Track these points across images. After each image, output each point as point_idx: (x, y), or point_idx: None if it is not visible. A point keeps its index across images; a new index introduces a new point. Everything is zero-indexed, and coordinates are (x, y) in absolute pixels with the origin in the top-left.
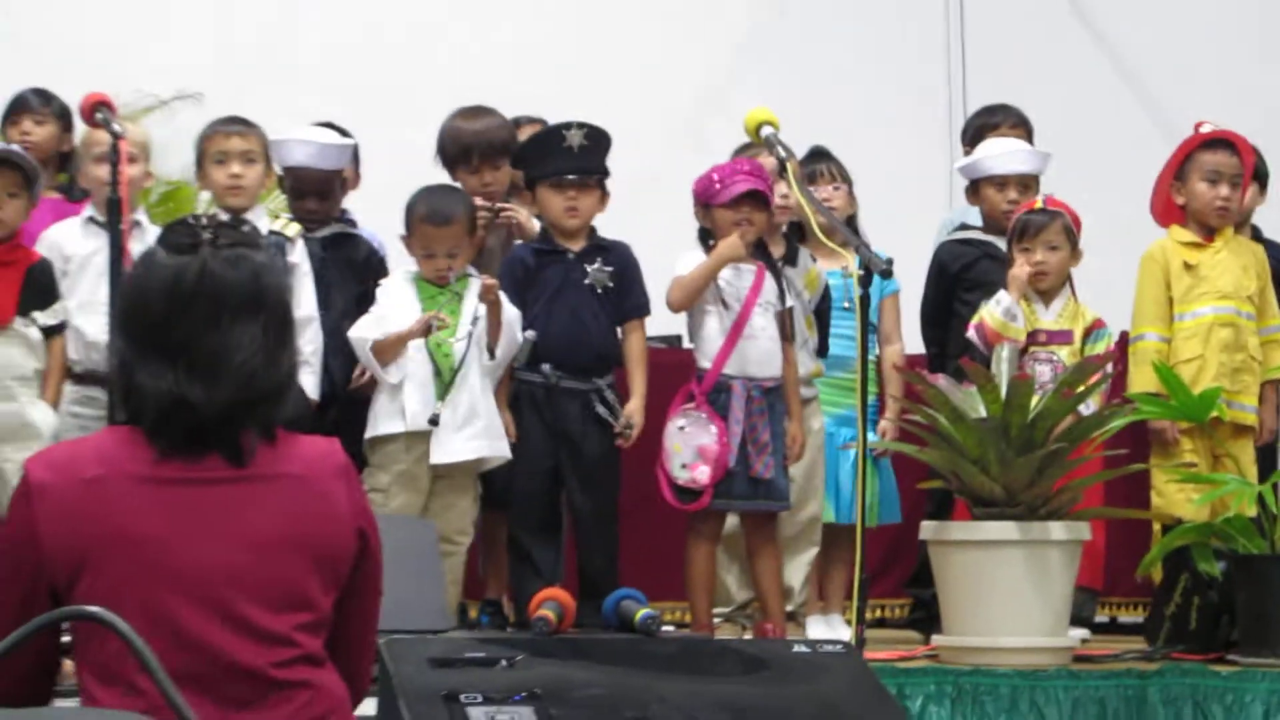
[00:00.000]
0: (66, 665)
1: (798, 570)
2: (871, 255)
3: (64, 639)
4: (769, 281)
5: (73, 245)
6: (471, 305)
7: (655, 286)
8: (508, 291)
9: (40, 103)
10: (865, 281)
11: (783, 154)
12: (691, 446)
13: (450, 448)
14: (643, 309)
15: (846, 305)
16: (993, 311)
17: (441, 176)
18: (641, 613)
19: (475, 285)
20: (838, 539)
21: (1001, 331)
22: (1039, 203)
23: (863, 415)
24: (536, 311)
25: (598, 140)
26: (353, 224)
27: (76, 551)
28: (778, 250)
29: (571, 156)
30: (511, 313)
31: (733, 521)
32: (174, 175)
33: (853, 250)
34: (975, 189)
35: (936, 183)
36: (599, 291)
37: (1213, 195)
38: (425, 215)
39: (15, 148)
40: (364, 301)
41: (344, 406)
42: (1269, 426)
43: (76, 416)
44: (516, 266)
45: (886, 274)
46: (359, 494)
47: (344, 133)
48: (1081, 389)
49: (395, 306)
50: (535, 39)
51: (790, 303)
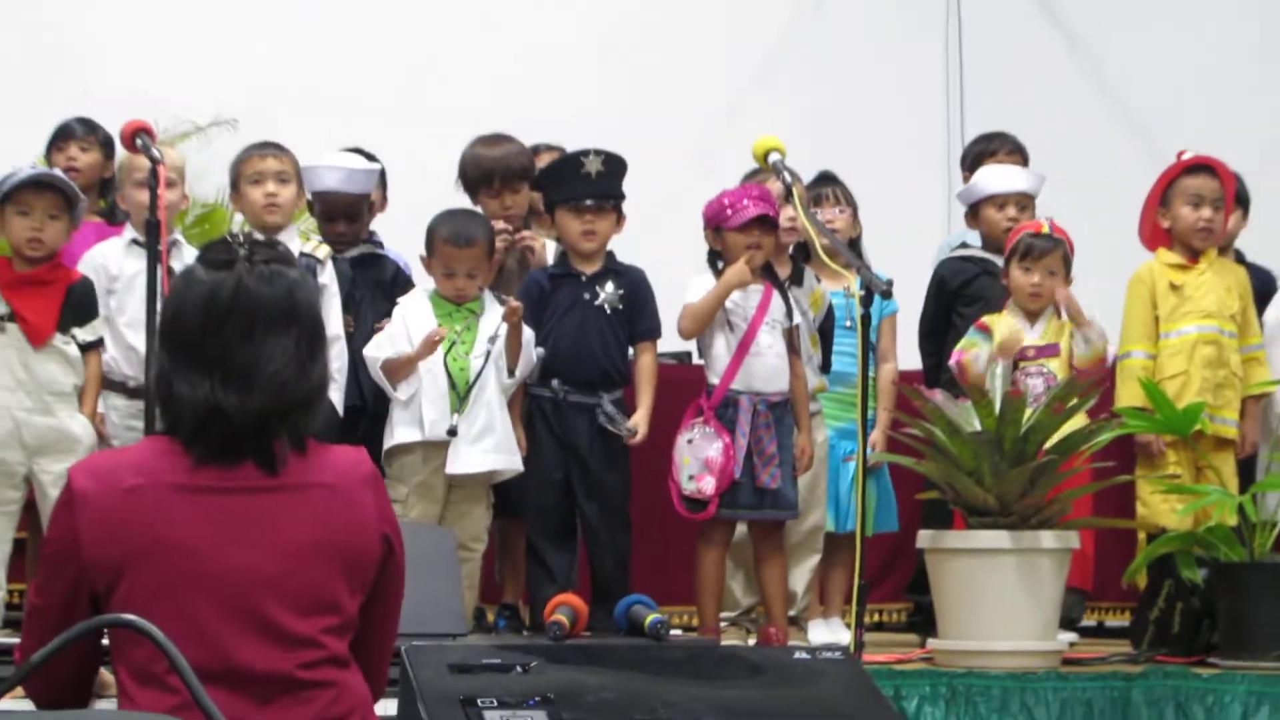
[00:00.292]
0: (105, 675)
1: (800, 576)
2: (873, 276)
3: (104, 641)
4: (776, 300)
5: (118, 265)
6: (488, 323)
7: (668, 306)
8: (525, 311)
9: (85, 131)
10: (866, 301)
11: (789, 179)
12: (699, 459)
13: (466, 459)
14: (654, 331)
15: (849, 324)
16: (972, 359)
17: (463, 200)
18: (651, 617)
19: (491, 303)
20: (838, 546)
21: (968, 369)
22: (1044, 226)
23: (863, 429)
24: (547, 330)
25: (614, 166)
26: (380, 245)
27: (116, 558)
28: (784, 270)
29: (589, 182)
30: (528, 333)
31: (739, 530)
32: (209, 198)
33: (854, 271)
34: (975, 212)
35: (935, 207)
36: (608, 312)
37: (1196, 218)
38: (447, 237)
39: (56, 171)
40: None
41: (372, 419)
42: (1249, 440)
43: (131, 429)
44: (533, 288)
45: (887, 294)
46: (386, 502)
47: (371, 157)
48: (1072, 403)
49: (412, 323)
50: (554, 70)
51: (797, 320)
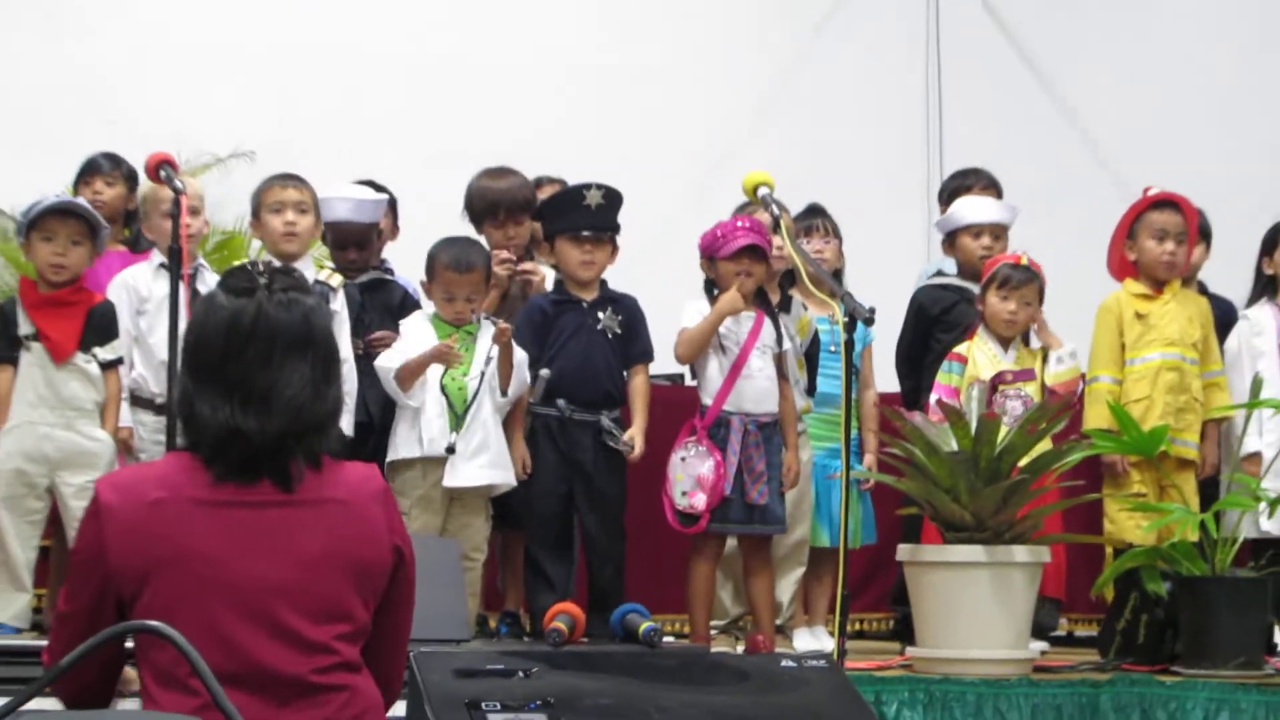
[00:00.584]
0: (129, 673)
1: (786, 587)
2: (856, 304)
3: (127, 645)
4: (767, 327)
5: (147, 288)
6: (484, 346)
7: (664, 329)
8: (528, 334)
9: (110, 166)
10: (850, 328)
11: (776, 211)
12: (691, 476)
13: (464, 474)
14: (648, 354)
15: (833, 349)
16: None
17: (468, 229)
18: (645, 625)
19: (486, 326)
20: (821, 559)
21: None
22: (1022, 258)
23: (846, 448)
24: (553, 353)
25: (613, 200)
26: (390, 272)
27: (140, 566)
28: (775, 297)
29: (589, 214)
30: (520, 355)
31: (729, 543)
32: (228, 226)
33: (838, 299)
34: (951, 240)
35: (916, 239)
36: (609, 336)
37: (1160, 251)
38: (448, 263)
39: (80, 200)
40: None
41: (380, 435)
42: (1210, 461)
43: (159, 443)
44: (536, 314)
45: (869, 321)
46: (396, 516)
47: (381, 188)
48: (1044, 425)
49: (414, 341)
50: (556, 108)
51: (786, 346)
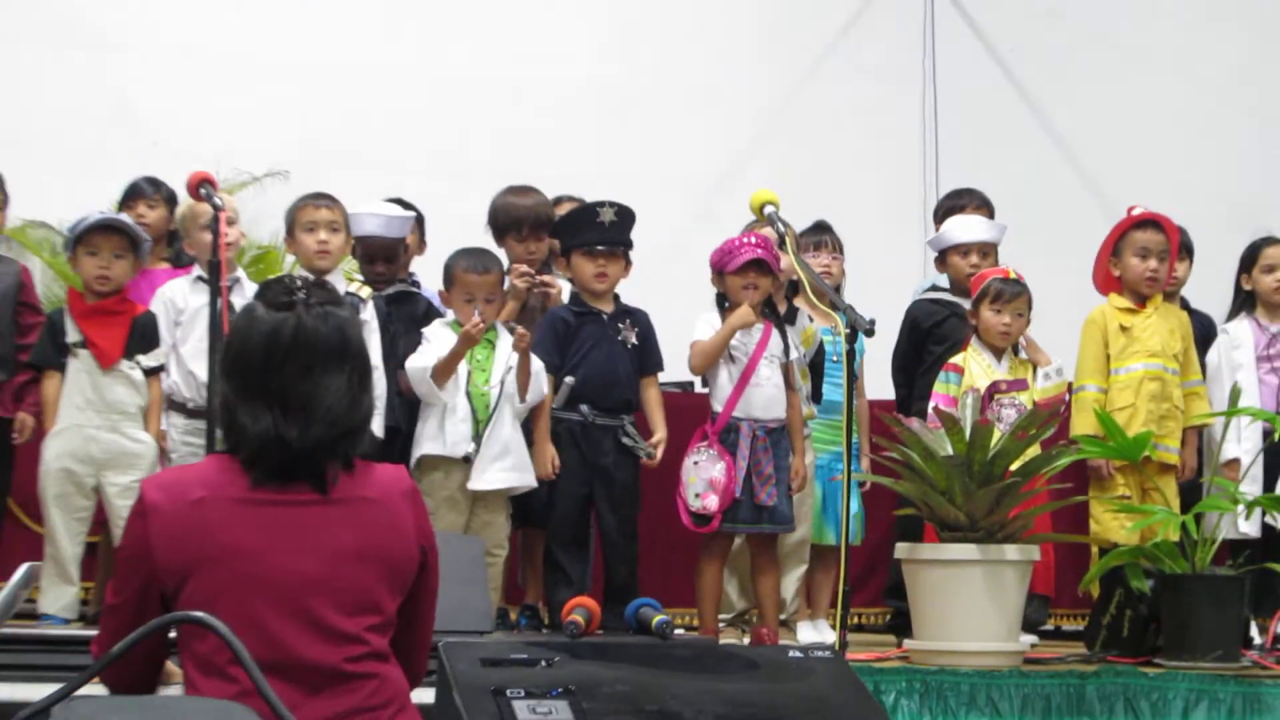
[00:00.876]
0: (170, 667)
1: (790, 584)
2: (857, 316)
3: (169, 636)
4: (775, 338)
5: (183, 299)
6: (503, 354)
7: (676, 340)
8: (550, 343)
9: (152, 190)
10: (851, 339)
11: (781, 228)
12: (703, 479)
13: (487, 477)
14: (659, 365)
15: (835, 359)
16: (951, 384)
17: (490, 243)
18: (657, 618)
19: (505, 335)
20: (823, 557)
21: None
22: (1012, 273)
23: (847, 451)
24: (576, 361)
25: (625, 217)
26: (417, 285)
27: (183, 562)
28: (782, 309)
29: (603, 230)
30: (537, 364)
31: (735, 541)
32: (264, 241)
33: (839, 312)
34: (943, 258)
35: (913, 255)
36: (628, 347)
37: (1143, 268)
38: (467, 267)
39: (123, 216)
40: None
41: (406, 439)
42: (1190, 465)
43: (188, 444)
44: (558, 324)
45: (869, 333)
46: (423, 514)
47: (408, 206)
48: (1033, 431)
49: (440, 344)
50: (575, 129)
51: (793, 356)
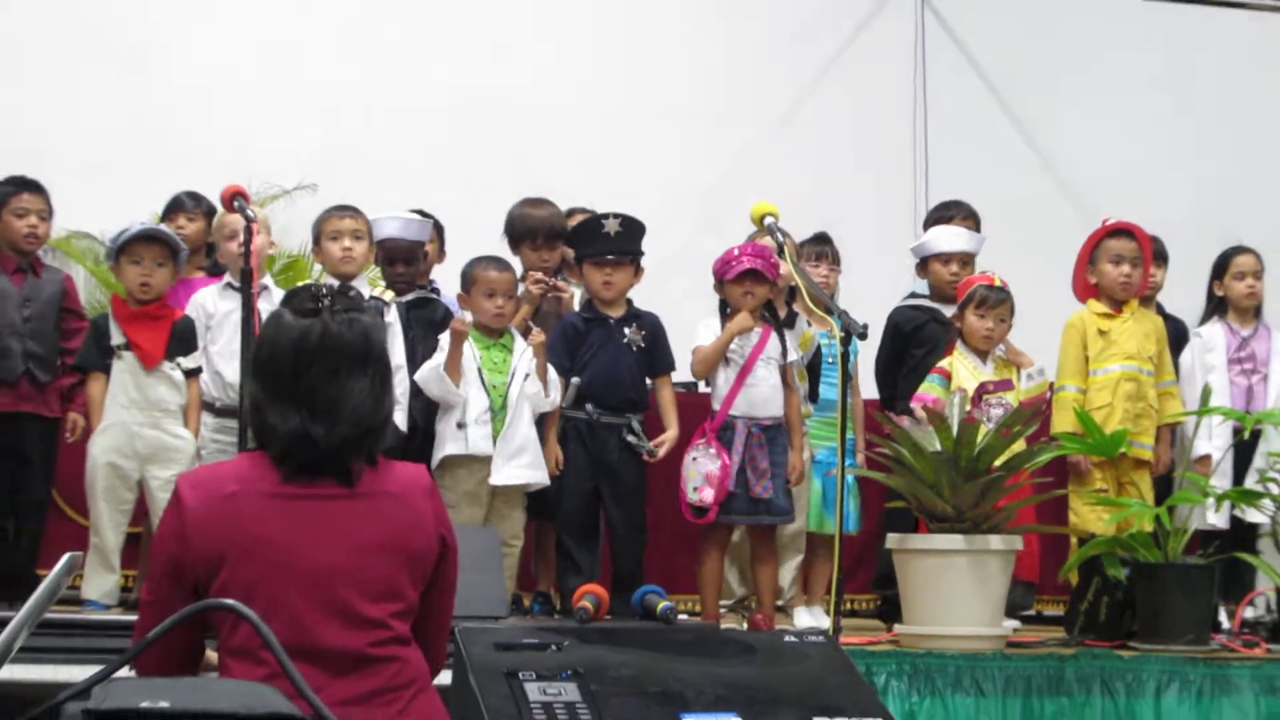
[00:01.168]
0: (210, 657)
1: (787, 572)
2: (851, 321)
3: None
4: (773, 341)
5: (214, 305)
6: (517, 357)
7: (682, 343)
8: (560, 347)
9: (192, 204)
10: (845, 342)
11: (780, 238)
12: (701, 473)
13: (505, 473)
14: (670, 365)
15: (831, 360)
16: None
17: (506, 252)
18: (662, 605)
19: (521, 340)
20: (818, 547)
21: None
22: (996, 280)
23: (842, 448)
24: (584, 364)
25: (631, 228)
26: (436, 291)
27: (216, 553)
28: (782, 313)
29: (609, 240)
30: (551, 371)
31: (736, 532)
32: (293, 249)
33: (835, 317)
34: (924, 265)
35: (904, 262)
36: (633, 349)
37: (1117, 274)
38: (487, 265)
39: (163, 226)
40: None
41: (424, 438)
42: (1164, 461)
43: (217, 441)
44: (568, 329)
45: (863, 336)
46: (441, 508)
47: (427, 216)
48: (1017, 429)
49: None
50: (585, 144)
51: (793, 358)
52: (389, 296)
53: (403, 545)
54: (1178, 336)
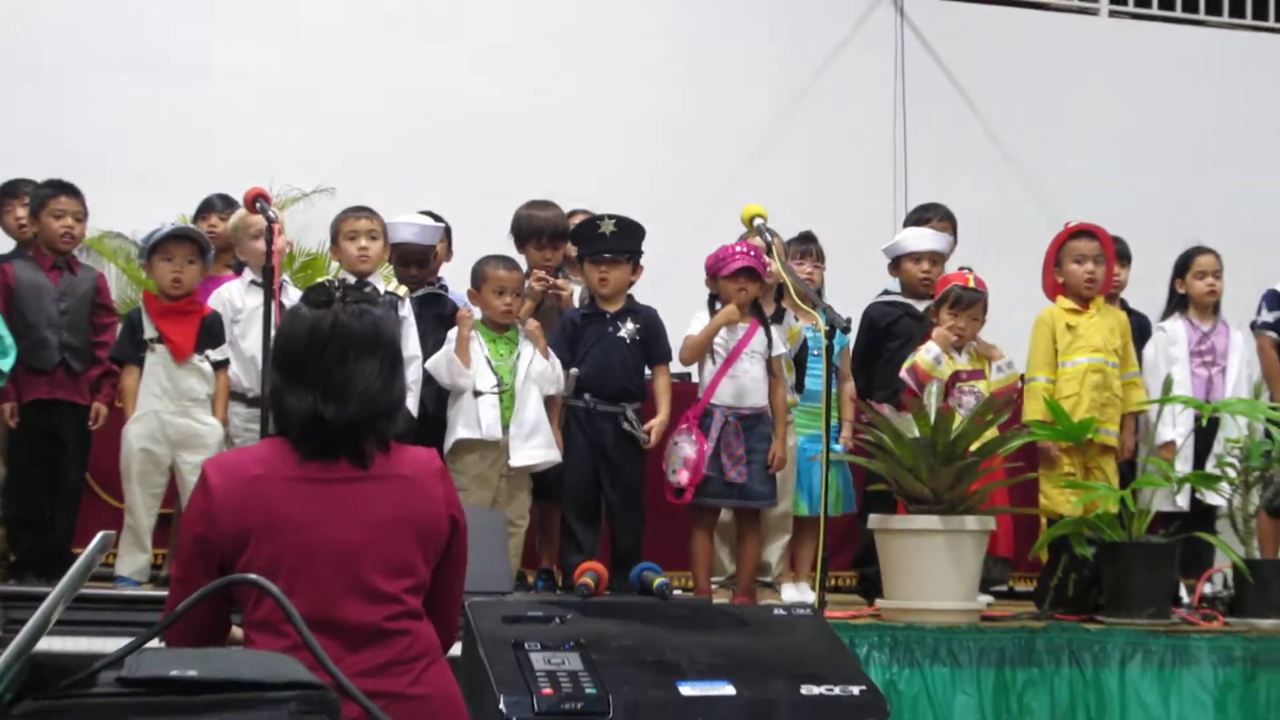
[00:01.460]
0: (236, 632)
1: (775, 551)
2: (836, 315)
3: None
4: (759, 334)
5: (240, 300)
6: (523, 348)
7: (675, 335)
8: (561, 341)
9: (223, 205)
10: (830, 335)
11: (768, 238)
12: (680, 457)
13: (523, 454)
14: (667, 356)
15: (816, 353)
16: (924, 358)
17: (512, 251)
18: (658, 580)
19: (523, 334)
20: (803, 526)
21: (930, 371)
22: (970, 279)
23: (826, 435)
24: (581, 356)
25: (626, 227)
26: (445, 288)
27: (241, 532)
28: (771, 309)
29: (604, 240)
30: (555, 360)
31: (726, 515)
32: (312, 248)
33: (820, 311)
34: (897, 264)
35: (884, 262)
36: (629, 342)
37: (1082, 272)
38: (497, 264)
39: (193, 226)
40: None
41: (433, 423)
42: (1128, 447)
43: (248, 429)
44: (567, 324)
45: (846, 329)
46: (452, 490)
47: (437, 218)
48: (990, 417)
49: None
50: (585, 150)
51: (780, 351)
52: (403, 292)
53: (416, 524)
54: (1141, 331)
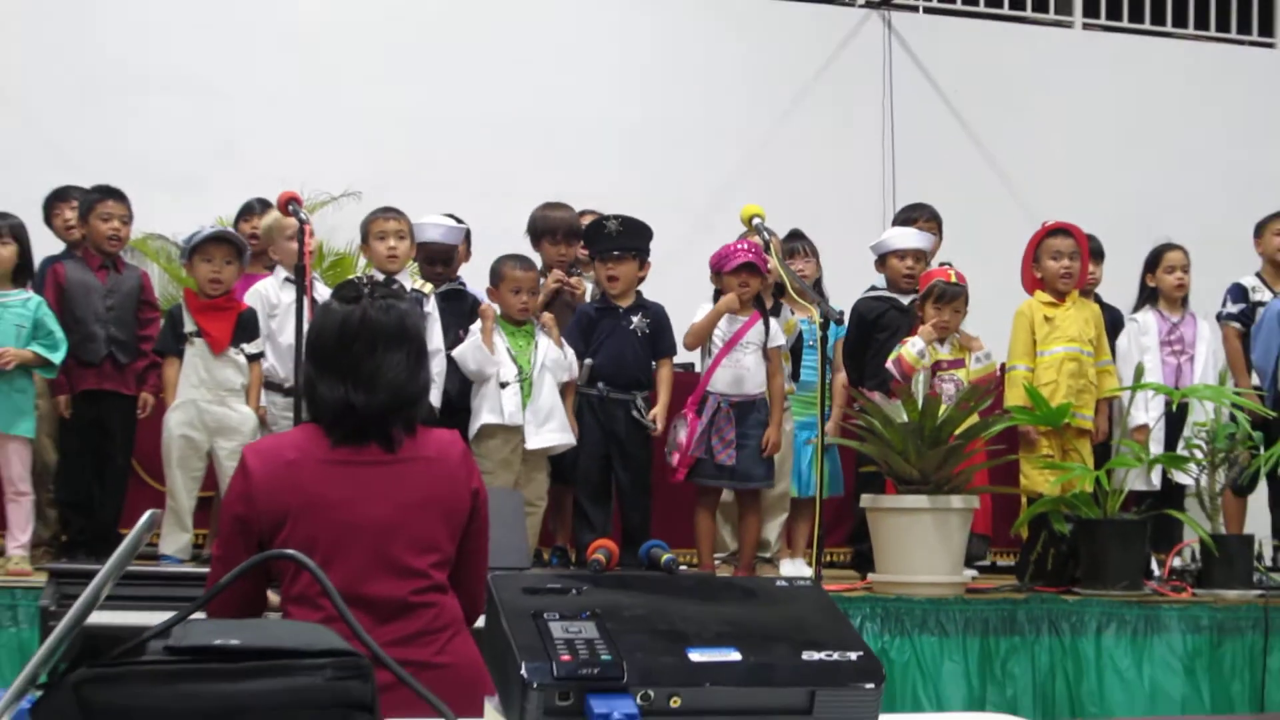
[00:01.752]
0: (272, 598)
1: (773, 529)
2: (829, 308)
3: (268, 578)
4: (757, 327)
5: (275, 296)
6: (540, 339)
7: (679, 329)
8: (575, 333)
9: (261, 208)
10: (824, 327)
11: (766, 236)
12: (675, 440)
13: (539, 438)
14: (671, 349)
15: (811, 344)
16: (909, 351)
17: (528, 249)
18: (665, 556)
19: (539, 329)
20: (799, 506)
21: (914, 364)
22: (952, 275)
23: (821, 423)
24: (595, 348)
25: (630, 227)
26: (464, 285)
27: (279, 512)
28: (769, 303)
29: (611, 239)
30: (569, 350)
31: (728, 495)
32: (340, 248)
33: (816, 305)
34: (883, 261)
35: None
36: (639, 335)
37: (1058, 268)
38: (514, 264)
39: (230, 229)
40: None
41: (454, 414)
42: (1102, 430)
43: (285, 418)
44: (582, 318)
45: (839, 322)
46: (474, 470)
47: (458, 220)
48: (973, 404)
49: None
50: (595, 156)
51: (777, 343)
52: (428, 289)
53: (441, 502)
54: (1114, 322)
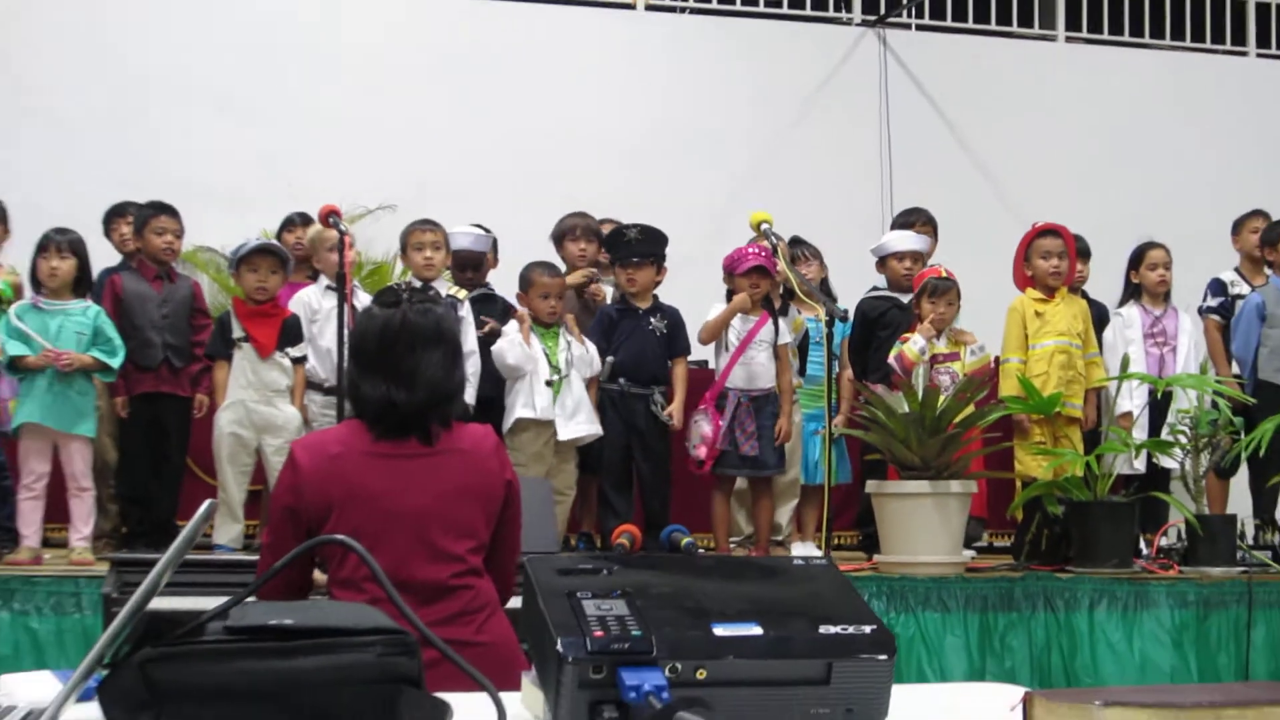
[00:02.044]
0: (318, 577)
1: (784, 514)
2: (834, 308)
3: (315, 562)
4: (768, 326)
5: (318, 303)
6: (564, 339)
7: (694, 326)
8: (598, 333)
9: (302, 221)
10: (830, 325)
11: (774, 241)
12: (699, 434)
13: (569, 429)
14: (686, 349)
15: (817, 341)
16: (910, 348)
17: (552, 253)
18: (685, 540)
19: (565, 332)
20: (809, 492)
21: (915, 360)
22: (943, 271)
23: (828, 414)
24: (616, 346)
25: (649, 235)
26: (493, 290)
27: (325, 503)
28: (778, 304)
29: (630, 246)
30: (592, 348)
31: (742, 482)
32: (378, 258)
33: (821, 305)
34: (883, 263)
35: (873, 261)
36: (657, 335)
37: (1047, 266)
38: (543, 271)
39: (274, 241)
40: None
41: (486, 411)
42: (1091, 418)
43: (325, 415)
44: (604, 318)
45: (845, 319)
46: (507, 461)
47: (486, 230)
48: (970, 394)
49: (514, 335)
50: (616, 170)
51: (786, 340)
52: (462, 294)
53: (476, 491)
54: (1100, 317)
